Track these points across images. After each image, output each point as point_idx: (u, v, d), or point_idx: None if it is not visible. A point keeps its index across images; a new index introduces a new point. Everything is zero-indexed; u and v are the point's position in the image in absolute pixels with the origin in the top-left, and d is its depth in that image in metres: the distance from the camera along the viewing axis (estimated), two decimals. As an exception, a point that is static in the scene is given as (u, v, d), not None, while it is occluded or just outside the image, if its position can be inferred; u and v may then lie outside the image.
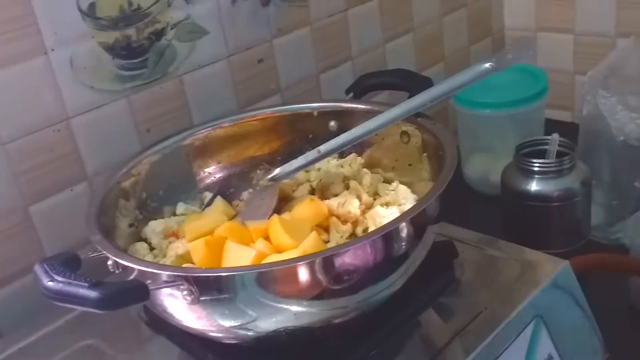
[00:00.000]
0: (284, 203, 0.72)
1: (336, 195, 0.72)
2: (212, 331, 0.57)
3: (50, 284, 0.49)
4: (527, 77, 1.08)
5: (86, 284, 0.47)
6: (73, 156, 0.78)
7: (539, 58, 1.29)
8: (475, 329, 0.62)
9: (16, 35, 0.71)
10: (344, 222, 0.67)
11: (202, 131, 0.78)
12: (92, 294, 0.47)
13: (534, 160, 0.89)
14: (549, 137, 0.93)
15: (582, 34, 1.24)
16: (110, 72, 0.79)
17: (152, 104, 0.83)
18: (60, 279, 0.49)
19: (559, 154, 0.91)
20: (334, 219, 0.67)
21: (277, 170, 0.73)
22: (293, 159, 0.73)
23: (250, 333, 0.56)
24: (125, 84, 0.80)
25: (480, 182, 1.09)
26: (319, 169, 0.77)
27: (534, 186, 0.89)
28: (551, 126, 1.07)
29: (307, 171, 0.76)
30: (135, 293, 0.50)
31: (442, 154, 0.63)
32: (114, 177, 0.69)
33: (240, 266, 0.57)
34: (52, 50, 0.74)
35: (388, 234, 0.54)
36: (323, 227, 0.67)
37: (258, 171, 0.79)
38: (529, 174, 0.90)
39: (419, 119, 0.71)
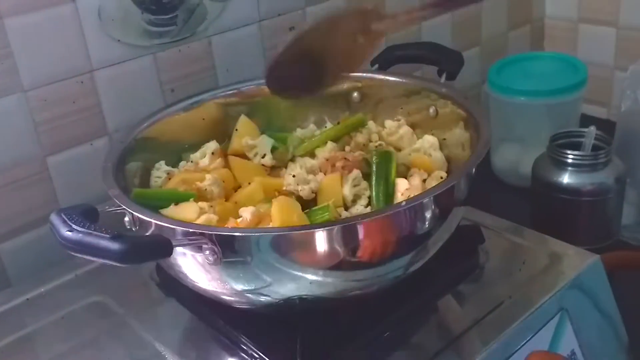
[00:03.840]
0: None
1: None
2: (225, 294, 0.56)
3: (69, 233, 0.47)
4: (566, 67, 1.05)
5: (108, 235, 0.45)
6: (95, 110, 0.76)
7: (579, 50, 1.25)
8: (495, 318, 0.60)
9: (45, -21, 0.69)
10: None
11: (223, 94, 0.75)
12: (115, 245, 0.45)
13: (568, 152, 0.86)
14: (585, 130, 0.89)
15: (626, 27, 1.19)
16: (138, 27, 0.77)
17: (178, 63, 0.81)
18: (80, 229, 0.47)
19: (595, 148, 0.88)
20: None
21: None
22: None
23: (262, 299, 0.54)
24: (152, 40, 0.78)
25: (509, 173, 1.06)
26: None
27: (566, 178, 0.86)
28: (587, 121, 1.02)
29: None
30: (159, 248, 0.48)
31: (475, 131, 0.60)
32: (131, 133, 0.67)
33: (258, 228, 0.54)
34: (81, -2, 0.72)
35: (410, 209, 0.51)
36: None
37: None
38: (562, 166, 0.86)
39: (449, 91, 0.67)
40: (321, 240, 0.50)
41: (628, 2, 1.18)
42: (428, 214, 0.52)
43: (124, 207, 0.54)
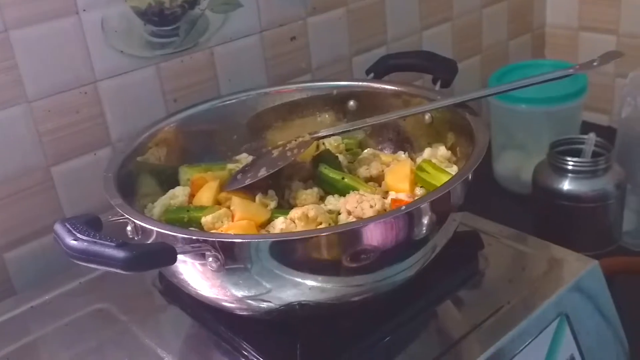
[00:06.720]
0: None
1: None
2: (226, 301, 0.56)
3: (74, 242, 0.47)
4: (566, 75, 1.05)
5: (113, 244, 0.46)
6: (98, 120, 0.77)
7: (579, 58, 1.25)
8: (494, 323, 0.60)
9: (49, -8, 0.70)
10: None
11: (222, 104, 0.76)
12: (120, 254, 0.45)
13: (569, 159, 0.86)
14: (585, 137, 0.90)
15: (626, 35, 1.20)
16: (141, 38, 0.78)
17: (180, 73, 0.82)
18: (84, 237, 0.47)
19: (595, 155, 0.88)
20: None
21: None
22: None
23: (263, 305, 0.55)
24: (155, 51, 0.79)
25: (510, 180, 1.06)
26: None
27: (566, 185, 0.86)
28: (587, 128, 1.03)
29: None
30: (163, 255, 0.49)
31: (472, 137, 0.61)
32: (133, 143, 0.68)
33: (257, 234, 0.55)
34: (84, 10, 0.73)
35: (407, 214, 0.52)
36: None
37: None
38: (563, 173, 0.87)
39: (444, 99, 0.68)
40: (319, 246, 0.50)
41: (628, 10, 1.19)
42: (425, 220, 0.52)
43: (127, 216, 0.55)
